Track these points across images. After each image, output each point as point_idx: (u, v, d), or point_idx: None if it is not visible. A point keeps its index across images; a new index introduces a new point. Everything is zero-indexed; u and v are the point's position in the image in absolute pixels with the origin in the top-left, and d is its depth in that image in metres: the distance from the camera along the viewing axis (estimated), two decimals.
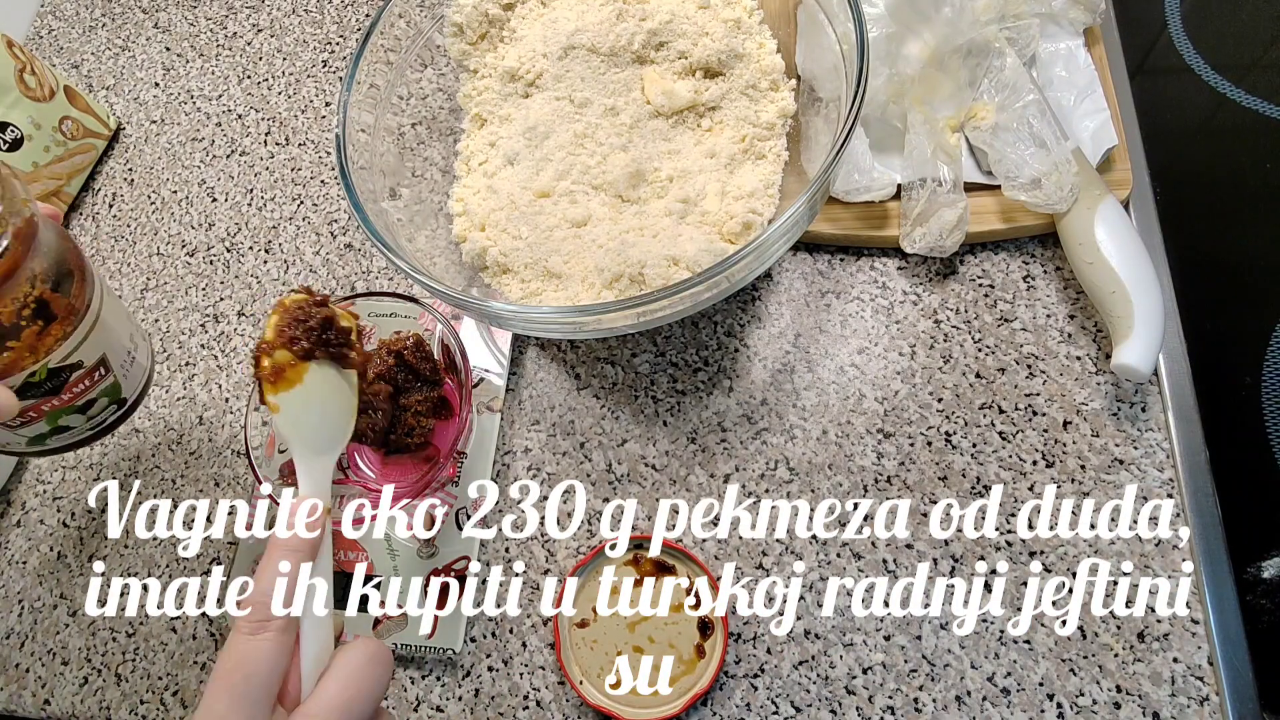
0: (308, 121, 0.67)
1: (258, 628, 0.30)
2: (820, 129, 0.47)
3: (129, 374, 0.45)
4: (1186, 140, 0.57)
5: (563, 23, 0.51)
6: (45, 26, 0.78)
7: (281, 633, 0.30)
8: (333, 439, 0.36)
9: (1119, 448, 0.45)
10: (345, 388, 0.38)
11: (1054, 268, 0.50)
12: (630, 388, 0.51)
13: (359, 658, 0.31)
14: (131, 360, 0.46)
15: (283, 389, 0.35)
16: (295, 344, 0.35)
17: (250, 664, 0.29)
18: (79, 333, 0.41)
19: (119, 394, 0.45)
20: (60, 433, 0.44)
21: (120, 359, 0.45)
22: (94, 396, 0.44)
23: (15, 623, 0.53)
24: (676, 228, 0.48)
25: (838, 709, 0.42)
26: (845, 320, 0.51)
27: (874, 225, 0.51)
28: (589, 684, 0.44)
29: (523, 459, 0.51)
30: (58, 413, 0.43)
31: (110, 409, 0.45)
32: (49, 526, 0.56)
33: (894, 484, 0.46)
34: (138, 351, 0.46)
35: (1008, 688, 0.41)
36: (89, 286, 0.42)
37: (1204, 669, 0.40)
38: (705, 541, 0.47)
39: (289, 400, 0.35)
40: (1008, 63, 0.49)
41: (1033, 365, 0.48)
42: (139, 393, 0.47)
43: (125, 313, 0.46)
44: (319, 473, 0.35)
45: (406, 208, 0.49)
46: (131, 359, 0.46)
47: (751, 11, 0.51)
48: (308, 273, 0.60)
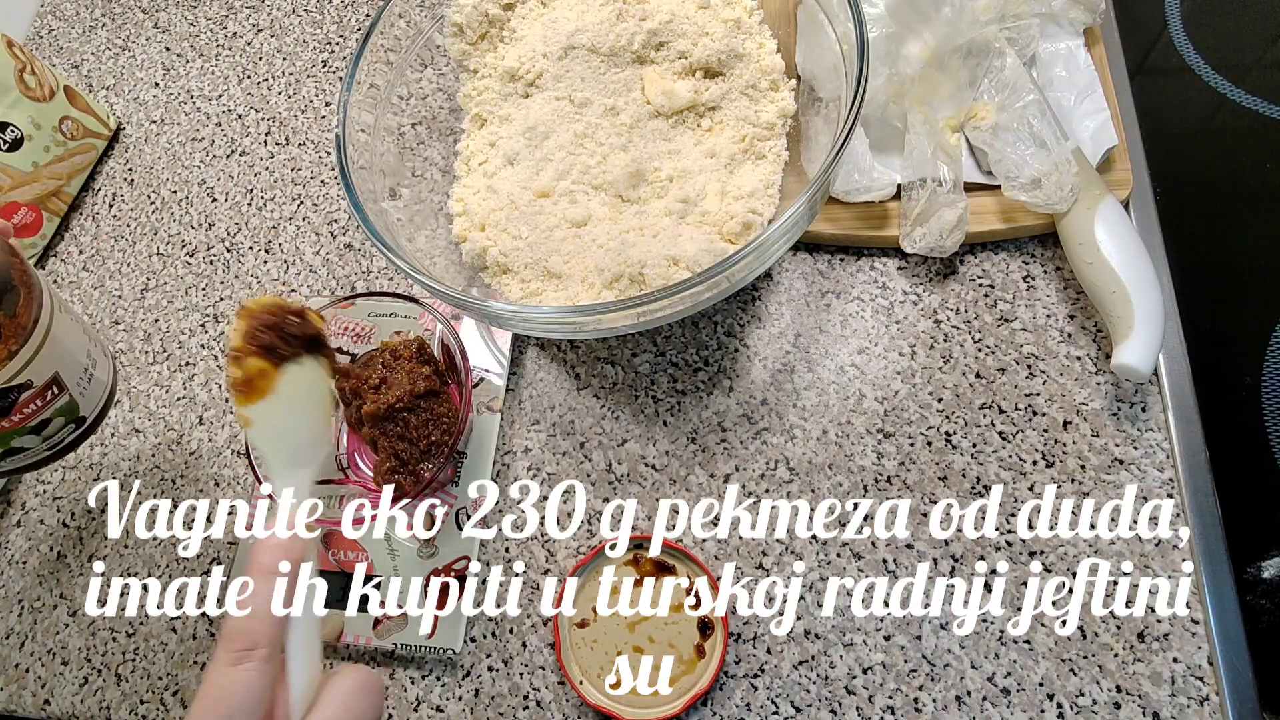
0: (308, 121, 0.67)
1: (240, 657, 0.28)
2: (820, 129, 0.47)
3: (86, 392, 0.43)
4: (1186, 140, 0.57)
5: (563, 23, 0.51)
6: (45, 26, 0.78)
7: (265, 662, 0.28)
8: (312, 449, 0.35)
9: (1119, 448, 0.45)
10: (322, 392, 0.36)
11: (1054, 268, 0.50)
12: (630, 388, 0.51)
13: (349, 686, 0.29)
14: (89, 377, 0.43)
15: (255, 399, 0.33)
16: (270, 351, 0.33)
17: (232, 696, 0.27)
18: (25, 351, 0.38)
19: (76, 413, 0.43)
20: (13, 454, 0.42)
21: (75, 376, 0.42)
22: (48, 416, 0.41)
23: (15, 623, 0.53)
24: (676, 228, 0.48)
25: (838, 709, 0.42)
26: (845, 320, 0.51)
27: (874, 225, 0.51)
28: (589, 684, 0.44)
29: (523, 459, 0.51)
30: (8, 434, 0.40)
31: (68, 428, 0.43)
32: (49, 526, 0.56)
33: (894, 484, 0.46)
34: (96, 368, 0.44)
35: (1008, 688, 0.41)
36: (35, 302, 0.39)
37: (1204, 669, 0.40)
38: (705, 541, 0.47)
39: (262, 412, 0.33)
40: (1008, 63, 0.49)
41: (1033, 365, 0.48)
42: (100, 410, 0.44)
43: (82, 327, 0.44)
44: (300, 488, 0.33)
45: (406, 208, 0.49)
46: (89, 376, 0.43)
47: (751, 11, 0.51)
48: (308, 272, 0.60)
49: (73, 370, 0.42)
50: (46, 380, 0.40)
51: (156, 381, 0.59)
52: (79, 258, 0.66)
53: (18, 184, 0.62)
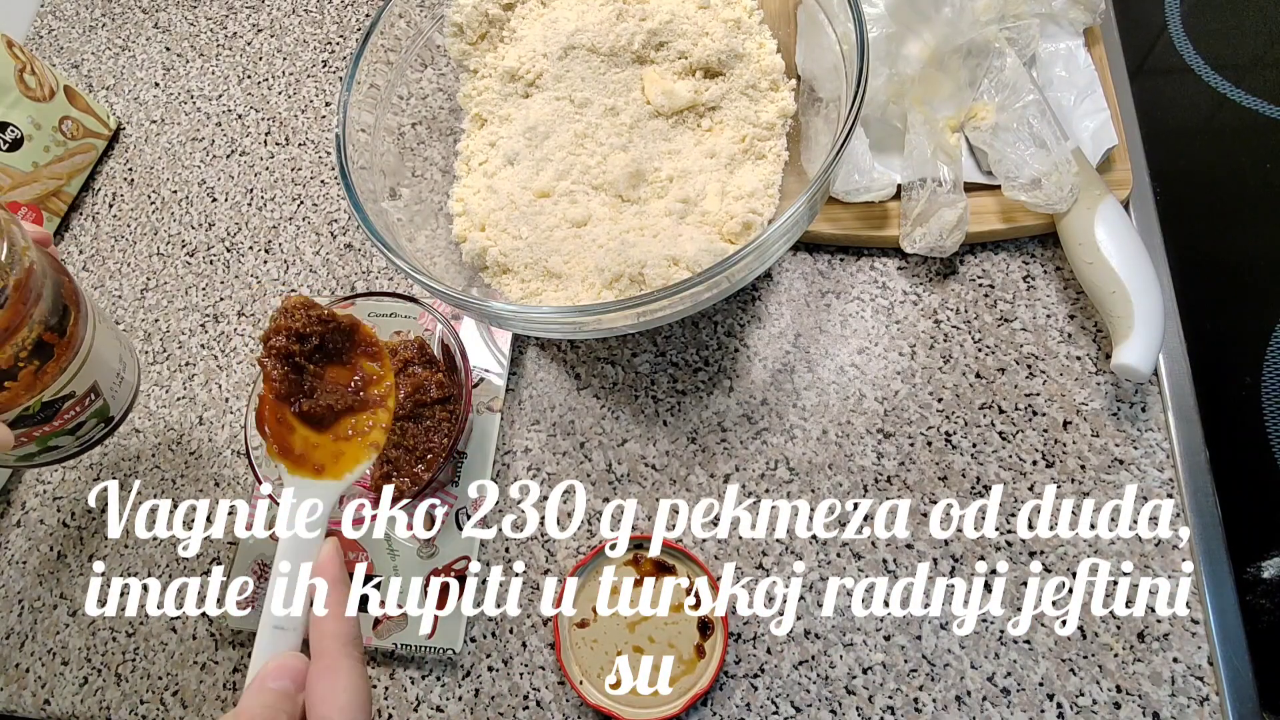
0: (308, 121, 0.67)
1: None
2: (820, 129, 0.47)
3: (117, 394, 0.46)
4: (1186, 140, 0.57)
5: (563, 23, 0.51)
6: (45, 26, 0.78)
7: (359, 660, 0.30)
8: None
9: (1119, 448, 0.45)
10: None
11: (1054, 268, 0.50)
12: (630, 388, 0.51)
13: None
14: (120, 380, 0.46)
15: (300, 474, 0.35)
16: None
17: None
18: (73, 366, 0.41)
19: (107, 414, 0.46)
20: (49, 451, 0.44)
21: (110, 382, 0.45)
22: (84, 420, 0.44)
23: (15, 623, 0.53)
24: (676, 228, 0.48)
25: (838, 709, 0.42)
26: (845, 320, 0.51)
27: (874, 225, 0.51)
28: (589, 684, 0.44)
29: (523, 459, 0.51)
30: (48, 437, 0.43)
31: (98, 428, 0.46)
32: (49, 526, 0.56)
33: (894, 484, 0.46)
34: (126, 370, 0.46)
35: (1008, 688, 0.41)
36: (84, 321, 0.42)
37: (1204, 669, 0.40)
38: (705, 541, 0.47)
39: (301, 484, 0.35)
40: (1008, 63, 0.49)
41: (1033, 365, 0.48)
42: (126, 409, 0.47)
43: (115, 333, 0.46)
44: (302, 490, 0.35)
45: (406, 208, 0.49)
46: (120, 379, 0.46)
47: (751, 11, 0.51)
48: (308, 273, 0.60)
49: (108, 377, 0.44)
50: (87, 389, 0.43)
51: (156, 381, 0.59)
52: (79, 258, 0.66)
53: (18, 184, 0.62)
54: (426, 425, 0.47)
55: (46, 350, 0.39)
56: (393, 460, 0.46)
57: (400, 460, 0.46)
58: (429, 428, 0.47)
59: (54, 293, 0.39)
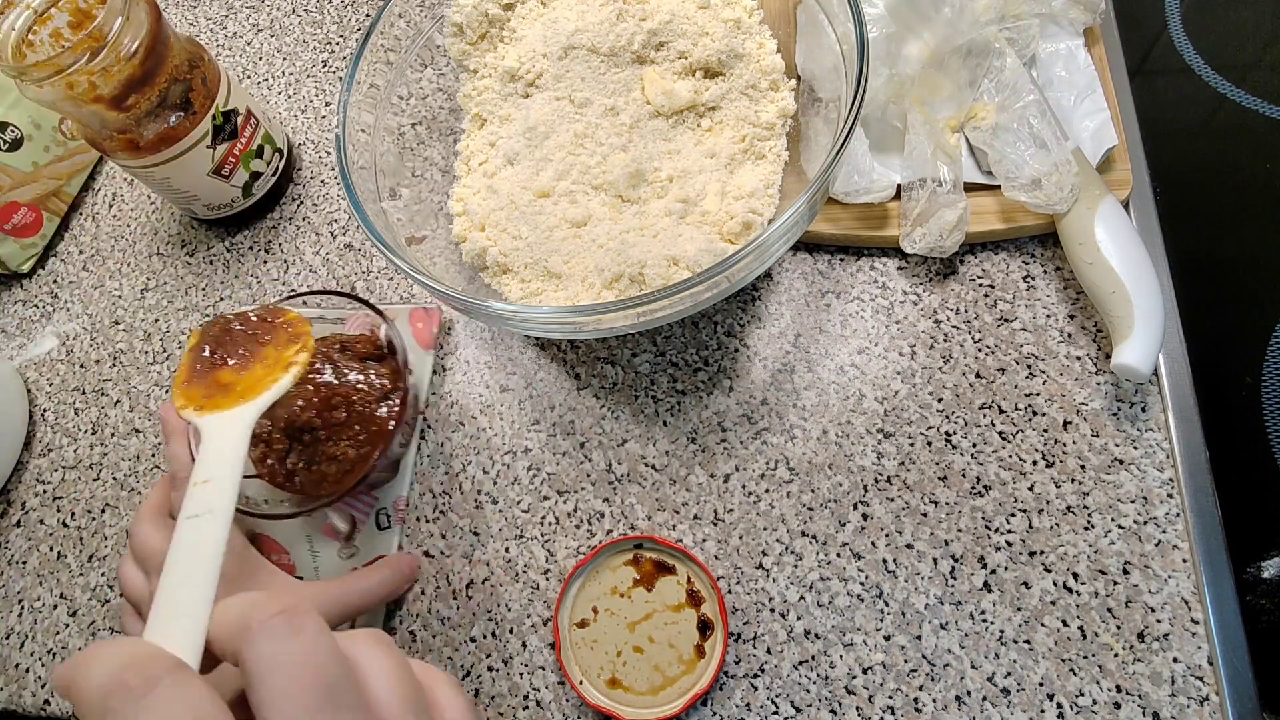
0: (308, 121, 0.67)
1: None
2: (820, 129, 0.47)
3: (271, 124, 0.60)
4: (1186, 140, 0.57)
5: (563, 23, 0.51)
6: None
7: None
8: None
9: (1119, 448, 0.45)
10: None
11: (1054, 268, 0.50)
12: (630, 388, 0.51)
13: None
14: (263, 114, 0.60)
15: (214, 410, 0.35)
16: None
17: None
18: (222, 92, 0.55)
19: (275, 143, 0.60)
20: (255, 178, 0.59)
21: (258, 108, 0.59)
22: (260, 143, 0.58)
23: (15, 623, 0.53)
24: (676, 228, 0.48)
25: (838, 709, 0.42)
26: (845, 320, 0.51)
27: (874, 225, 0.51)
28: (589, 684, 0.44)
29: (523, 459, 0.51)
30: (246, 156, 0.57)
31: (275, 156, 0.61)
32: (49, 526, 0.56)
33: (894, 484, 0.46)
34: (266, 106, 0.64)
35: (1008, 688, 0.41)
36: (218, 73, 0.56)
37: (1204, 669, 0.40)
38: (705, 541, 0.47)
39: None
40: (1008, 63, 0.49)
41: (1033, 365, 0.48)
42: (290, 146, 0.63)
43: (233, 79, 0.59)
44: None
45: (406, 208, 0.49)
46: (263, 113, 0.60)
47: (751, 11, 0.51)
48: (308, 273, 0.60)
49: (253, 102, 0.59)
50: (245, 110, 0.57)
51: (156, 381, 0.59)
52: (79, 258, 0.66)
53: (18, 184, 0.62)
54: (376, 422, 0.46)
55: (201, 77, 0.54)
56: (342, 459, 0.45)
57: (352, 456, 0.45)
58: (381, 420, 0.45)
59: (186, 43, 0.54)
